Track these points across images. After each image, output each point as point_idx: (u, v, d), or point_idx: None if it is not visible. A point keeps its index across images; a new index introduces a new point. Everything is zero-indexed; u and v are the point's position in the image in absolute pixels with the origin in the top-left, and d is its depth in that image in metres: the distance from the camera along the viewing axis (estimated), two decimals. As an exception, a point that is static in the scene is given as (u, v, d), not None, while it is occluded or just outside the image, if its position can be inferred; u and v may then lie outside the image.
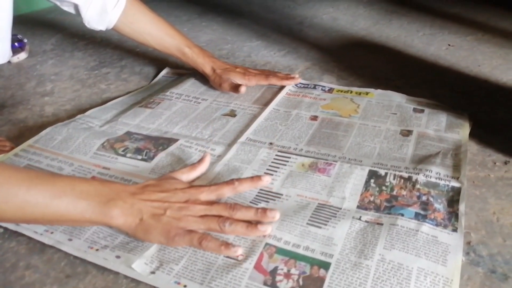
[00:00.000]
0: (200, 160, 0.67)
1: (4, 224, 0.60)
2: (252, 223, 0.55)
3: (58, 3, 0.85)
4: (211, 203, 0.56)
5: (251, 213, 0.55)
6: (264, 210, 0.56)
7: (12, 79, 1.08)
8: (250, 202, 0.61)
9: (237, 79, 0.91)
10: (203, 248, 0.53)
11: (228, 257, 0.53)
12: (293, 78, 0.95)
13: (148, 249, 0.54)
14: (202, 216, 0.55)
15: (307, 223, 0.57)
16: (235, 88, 0.90)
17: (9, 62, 1.16)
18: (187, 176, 0.64)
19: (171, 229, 0.53)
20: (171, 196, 0.56)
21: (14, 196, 0.49)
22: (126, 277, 0.52)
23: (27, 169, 0.53)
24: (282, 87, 0.93)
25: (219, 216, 0.55)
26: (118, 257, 0.54)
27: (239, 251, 0.52)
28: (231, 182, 0.60)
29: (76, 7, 0.84)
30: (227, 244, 0.52)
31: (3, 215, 0.50)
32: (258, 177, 0.62)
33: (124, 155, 0.73)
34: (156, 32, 0.90)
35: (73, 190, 0.52)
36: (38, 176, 0.53)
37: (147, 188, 0.57)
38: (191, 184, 0.62)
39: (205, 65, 0.93)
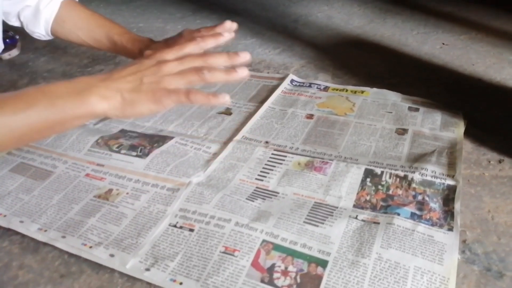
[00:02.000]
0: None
1: (-4, 223, 0.59)
2: (229, 69, 0.54)
3: (3, 17, 0.79)
4: (181, 58, 0.54)
5: (224, 57, 0.55)
6: (236, 52, 0.55)
7: (4, 76, 1.07)
8: (247, 198, 0.61)
9: (168, 56, 0.78)
10: (191, 101, 0.52)
11: (224, 252, 0.52)
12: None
13: (142, 247, 0.54)
14: (179, 72, 0.53)
15: (304, 222, 0.56)
16: None
17: (0, 59, 1.15)
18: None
19: (154, 93, 0.51)
20: (140, 66, 0.54)
21: None
22: (121, 275, 0.52)
23: None
24: (277, 86, 0.92)
25: (196, 69, 0.53)
26: (112, 255, 0.53)
27: (227, 97, 0.52)
28: (193, 39, 0.58)
29: (18, 14, 0.79)
30: (214, 94, 0.52)
31: None
32: (218, 33, 0.61)
33: (118, 152, 0.72)
34: (86, 26, 0.80)
35: (44, 94, 0.51)
36: (6, 96, 0.51)
37: (114, 71, 0.55)
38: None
39: (134, 50, 0.78)
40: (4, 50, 1.14)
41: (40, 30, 0.82)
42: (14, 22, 0.82)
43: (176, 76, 0.53)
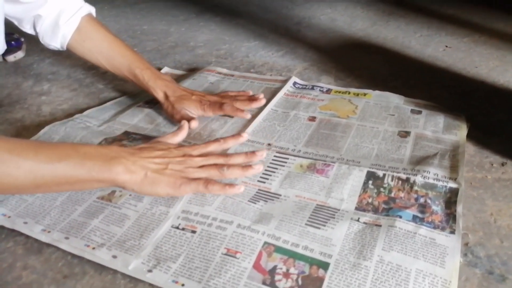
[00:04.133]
0: (180, 127, 0.72)
1: (0, 223, 0.60)
2: (246, 166, 0.65)
3: (16, 22, 0.81)
4: (205, 155, 0.64)
5: (243, 156, 0.66)
6: (253, 152, 0.67)
7: (8, 78, 1.07)
8: (249, 200, 0.61)
9: (192, 109, 0.80)
10: (209, 191, 0.60)
11: (226, 254, 0.53)
12: (255, 99, 0.84)
13: (145, 248, 0.54)
14: (201, 167, 0.62)
15: (306, 224, 0.57)
16: (188, 121, 0.76)
17: (5, 61, 1.16)
18: (172, 140, 0.69)
19: (176, 179, 0.59)
20: (169, 153, 0.62)
21: (24, 161, 0.52)
22: (124, 277, 0.52)
23: (26, 139, 0.56)
24: (279, 88, 0.93)
25: (216, 165, 0.62)
26: (114, 257, 0.54)
27: (242, 188, 0.62)
28: (216, 140, 0.69)
29: (33, 23, 0.80)
30: (230, 184, 0.61)
31: (16, 181, 0.52)
32: (238, 134, 0.73)
33: (122, 155, 0.72)
34: (107, 51, 0.82)
35: (77, 152, 0.55)
36: (42, 143, 0.58)
37: (144, 149, 0.62)
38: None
39: (157, 89, 0.80)
40: (9, 52, 1.15)
41: (56, 44, 0.83)
42: (28, 30, 0.83)
43: (199, 170, 0.62)
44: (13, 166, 0.51)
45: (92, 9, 0.83)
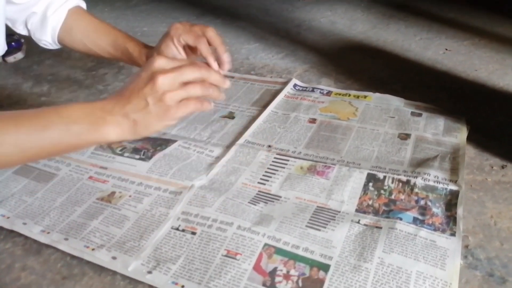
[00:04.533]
0: None
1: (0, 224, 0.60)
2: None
3: (10, 24, 0.80)
4: (178, 68, 0.54)
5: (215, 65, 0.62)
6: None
7: (8, 79, 1.07)
8: (249, 202, 0.61)
9: (177, 51, 0.75)
10: (204, 110, 0.54)
11: (226, 255, 0.52)
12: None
13: (144, 249, 0.54)
14: (180, 86, 0.53)
15: (306, 226, 0.56)
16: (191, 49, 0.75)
17: (5, 62, 1.15)
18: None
19: (165, 111, 0.53)
20: (139, 84, 0.54)
21: (6, 136, 0.49)
22: (123, 278, 0.52)
23: (5, 112, 0.53)
24: (280, 90, 0.93)
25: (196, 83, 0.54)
26: (114, 258, 0.53)
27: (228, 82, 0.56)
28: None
29: (25, 22, 0.79)
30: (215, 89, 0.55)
31: (4, 158, 0.50)
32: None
33: (121, 155, 0.72)
34: (93, 34, 0.80)
35: (60, 118, 0.52)
36: (22, 113, 0.53)
37: (119, 93, 0.55)
38: None
39: (142, 57, 0.78)
40: (9, 54, 1.15)
41: (47, 38, 0.81)
42: (22, 30, 0.82)
43: (179, 90, 0.53)
44: None
45: (82, 3, 0.82)
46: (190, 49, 0.73)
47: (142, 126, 0.53)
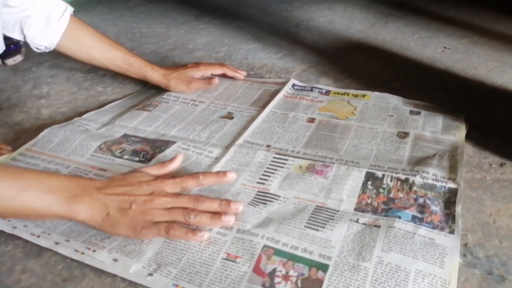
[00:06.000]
0: (172, 159, 0.67)
1: (0, 227, 0.60)
2: (217, 214, 0.56)
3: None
4: (176, 195, 0.57)
5: (216, 204, 0.57)
6: (228, 202, 0.57)
7: (8, 81, 1.08)
8: (248, 203, 0.61)
9: (196, 74, 0.94)
10: (170, 237, 0.54)
11: (226, 259, 0.53)
12: (239, 73, 0.99)
13: (145, 253, 0.54)
14: (167, 209, 0.56)
15: (305, 226, 0.57)
16: (207, 81, 0.94)
17: (5, 64, 1.16)
18: (156, 171, 0.64)
19: (137, 223, 0.54)
20: (136, 190, 0.56)
21: None
22: (123, 280, 0.52)
23: None
24: (278, 90, 0.93)
25: (185, 208, 0.56)
26: (115, 260, 0.54)
27: (205, 235, 0.55)
28: (195, 175, 0.61)
29: (21, 25, 0.81)
30: (193, 231, 0.54)
31: None
32: (223, 173, 0.63)
33: (121, 157, 0.73)
34: (100, 44, 0.88)
35: (40, 185, 0.53)
36: (6, 169, 0.54)
37: (113, 182, 0.57)
38: (157, 176, 0.62)
39: (154, 73, 0.91)
40: (9, 56, 1.15)
41: (46, 43, 0.83)
42: (12, 33, 0.82)
43: (163, 212, 0.55)
44: None
45: (72, 9, 0.87)
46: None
47: (110, 223, 0.54)
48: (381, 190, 0.63)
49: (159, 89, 0.97)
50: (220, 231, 0.57)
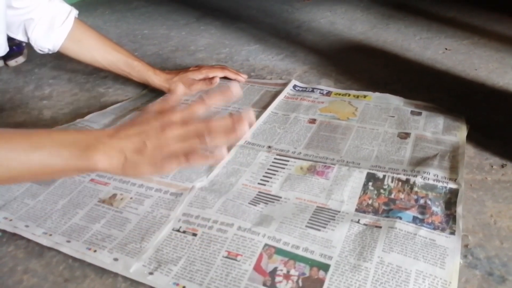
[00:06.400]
0: (172, 91, 0.66)
1: (2, 227, 0.60)
2: (231, 130, 0.54)
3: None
4: (186, 122, 0.55)
5: (228, 121, 0.55)
6: (240, 116, 0.55)
7: (10, 82, 1.08)
8: (249, 203, 0.61)
9: (197, 76, 0.95)
10: (192, 163, 0.53)
11: (227, 257, 0.53)
12: (241, 75, 1.01)
13: (146, 251, 0.54)
14: (182, 138, 0.54)
15: (306, 226, 0.57)
16: (208, 81, 0.96)
17: (7, 65, 1.16)
18: (160, 107, 0.60)
19: (156, 158, 0.53)
20: (146, 128, 0.54)
21: None
22: (124, 280, 0.52)
23: (0, 129, 0.53)
24: (279, 91, 0.93)
25: (198, 133, 0.54)
26: (116, 259, 0.54)
27: (225, 151, 0.53)
28: (200, 99, 0.58)
29: (24, 27, 0.82)
30: (212, 152, 0.53)
31: None
32: (226, 87, 0.59)
33: (122, 158, 0.73)
34: (103, 48, 0.90)
35: (52, 141, 0.52)
36: (15, 131, 0.53)
37: (122, 127, 0.56)
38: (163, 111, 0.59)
39: (156, 77, 0.93)
40: (11, 57, 1.16)
41: (49, 46, 0.84)
42: (16, 35, 0.83)
43: (178, 142, 0.54)
44: None
45: (76, 12, 0.88)
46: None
47: (131, 166, 0.53)
48: (382, 191, 0.63)
49: (160, 91, 0.97)
50: (221, 228, 0.57)
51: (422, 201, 0.60)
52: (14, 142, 0.50)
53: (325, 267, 0.51)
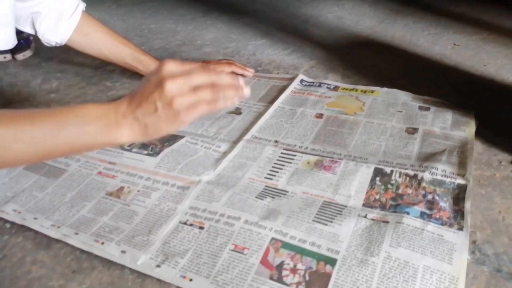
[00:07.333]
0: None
1: (11, 219, 0.60)
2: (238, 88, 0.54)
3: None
4: (187, 71, 0.53)
5: (229, 68, 0.54)
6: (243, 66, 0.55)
7: (18, 76, 1.09)
8: (256, 197, 0.61)
9: None
10: (212, 108, 0.52)
11: (234, 250, 0.53)
12: (248, 70, 1.01)
13: (153, 244, 0.55)
14: (193, 89, 0.52)
15: (313, 220, 0.57)
16: None
17: (15, 59, 1.17)
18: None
19: (172, 114, 0.52)
20: (150, 89, 0.53)
21: (22, 133, 0.49)
22: (132, 272, 0.52)
23: (22, 110, 0.53)
24: (286, 86, 0.93)
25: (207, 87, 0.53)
26: (123, 252, 0.54)
27: (247, 89, 0.54)
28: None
29: (32, 20, 0.83)
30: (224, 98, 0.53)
31: (19, 155, 0.50)
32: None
33: (130, 150, 0.73)
34: (110, 42, 0.90)
35: (76, 118, 0.52)
36: (38, 112, 0.53)
37: (131, 97, 0.54)
38: None
39: None
40: (19, 51, 1.16)
41: (57, 39, 0.85)
42: (24, 28, 0.84)
43: (190, 93, 0.52)
44: (11, 140, 0.49)
45: (84, 5, 0.88)
46: None
47: (152, 129, 0.53)
48: (389, 186, 0.62)
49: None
50: (228, 221, 0.57)
51: (430, 197, 0.60)
52: (40, 122, 0.51)
53: (332, 262, 0.51)
